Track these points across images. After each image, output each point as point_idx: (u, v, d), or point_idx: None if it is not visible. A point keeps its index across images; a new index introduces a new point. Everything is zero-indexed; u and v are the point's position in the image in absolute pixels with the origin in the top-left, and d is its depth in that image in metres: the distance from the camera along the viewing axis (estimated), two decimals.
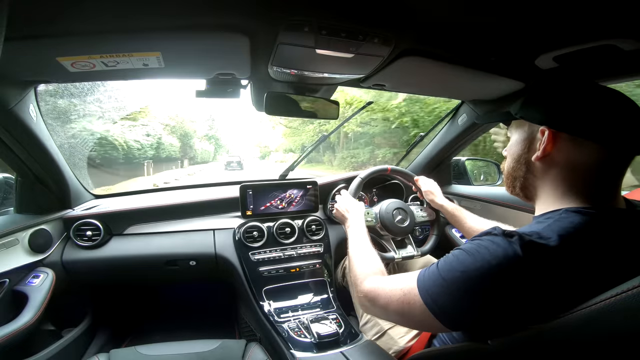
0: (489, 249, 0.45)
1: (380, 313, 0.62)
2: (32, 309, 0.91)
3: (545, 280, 0.42)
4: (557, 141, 0.49)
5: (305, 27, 0.62)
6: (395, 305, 0.55)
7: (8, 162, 1.01)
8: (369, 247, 0.80)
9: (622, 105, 0.47)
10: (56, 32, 0.60)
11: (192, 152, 20.28)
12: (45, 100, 0.94)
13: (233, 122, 42.93)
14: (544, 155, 0.51)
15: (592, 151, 0.47)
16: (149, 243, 1.21)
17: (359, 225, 0.89)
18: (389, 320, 0.59)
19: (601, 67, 0.82)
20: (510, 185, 0.60)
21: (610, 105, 0.47)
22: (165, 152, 14.10)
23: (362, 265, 0.73)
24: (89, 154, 5.28)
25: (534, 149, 0.53)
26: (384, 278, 0.65)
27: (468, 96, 1.23)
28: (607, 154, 0.47)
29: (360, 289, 0.67)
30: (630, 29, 0.62)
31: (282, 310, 1.11)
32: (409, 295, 0.52)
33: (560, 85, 0.52)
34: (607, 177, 0.49)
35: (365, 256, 0.76)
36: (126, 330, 1.53)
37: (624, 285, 0.36)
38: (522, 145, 0.56)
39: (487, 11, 0.61)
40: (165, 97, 25.10)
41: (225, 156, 22.04)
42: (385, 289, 0.59)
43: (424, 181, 1.14)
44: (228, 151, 28.30)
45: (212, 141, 26.72)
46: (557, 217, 0.48)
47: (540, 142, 0.51)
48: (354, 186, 1.09)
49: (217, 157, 26.48)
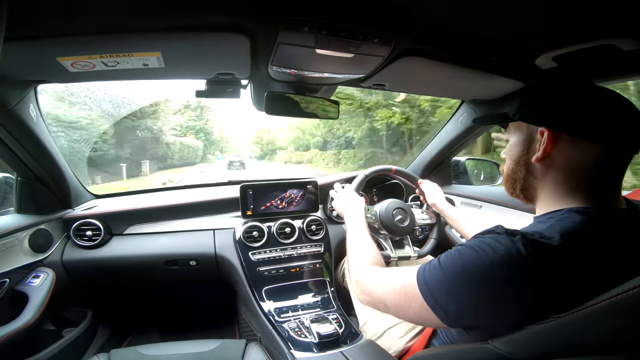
0: (492, 247, 0.45)
1: (377, 304, 0.61)
2: (32, 308, 0.91)
3: (547, 279, 0.42)
4: (557, 142, 0.49)
5: (305, 27, 0.62)
6: (392, 297, 0.55)
7: (8, 162, 1.01)
8: (367, 239, 0.79)
9: (618, 105, 0.48)
10: (56, 32, 0.60)
11: (162, 149, 14.27)
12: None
13: (228, 113, 36.58)
14: (544, 156, 0.51)
15: (591, 151, 0.48)
16: (149, 243, 1.21)
17: (359, 218, 0.89)
18: (386, 312, 0.59)
19: (601, 67, 0.82)
20: (510, 187, 0.60)
21: (608, 105, 0.48)
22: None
23: (360, 257, 0.72)
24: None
25: (534, 150, 0.53)
26: (382, 269, 0.64)
27: (468, 96, 1.23)
28: (606, 153, 0.47)
29: (358, 279, 0.66)
30: (629, 28, 0.62)
31: (282, 310, 1.11)
32: (408, 287, 0.52)
33: (558, 86, 0.52)
34: (607, 176, 0.49)
35: (364, 248, 0.76)
36: (126, 330, 1.53)
37: (624, 285, 0.36)
38: (521, 146, 0.56)
39: (487, 11, 0.61)
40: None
41: (229, 155, 20.64)
42: (384, 280, 0.59)
43: (428, 185, 1.14)
44: (222, 149, 25.31)
45: (201, 135, 20.87)
46: (560, 217, 0.48)
47: (540, 143, 0.51)
48: (357, 182, 1.09)
49: (209, 156, 21.57)
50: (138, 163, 11.80)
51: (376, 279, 0.61)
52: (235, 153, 24.02)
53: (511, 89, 1.02)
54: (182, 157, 16.31)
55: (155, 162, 13.35)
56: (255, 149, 30.38)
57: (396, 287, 0.55)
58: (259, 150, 29.76)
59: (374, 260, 0.71)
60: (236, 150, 27.64)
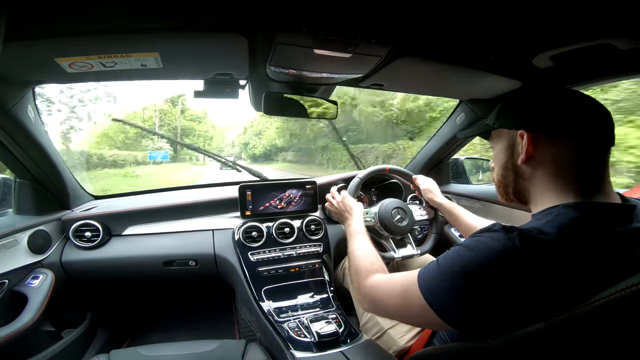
0: (489, 245, 0.46)
1: (381, 310, 0.62)
2: (31, 309, 0.91)
3: (545, 275, 0.43)
4: (537, 142, 0.52)
5: (303, 27, 0.62)
6: (395, 302, 0.56)
7: (6, 163, 1.01)
8: (368, 245, 0.80)
9: (587, 104, 0.51)
10: (54, 33, 0.60)
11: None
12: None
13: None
14: (528, 158, 0.53)
15: (570, 147, 0.50)
16: (148, 243, 1.21)
17: (359, 224, 0.89)
18: (390, 318, 0.60)
19: (598, 66, 0.82)
20: (503, 194, 0.61)
21: (577, 105, 0.51)
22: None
23: (362, 264, 0.73)
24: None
25: (517, 153, 0.55)
26: (384, 275, 0.65)
27: (466, 95, 1.23)
28: (583, 147, 0.50)
29: (360, 286, 0.67)
30: (625, 27, 0.62)
31: (281, 310, 1.11)
32: (409, 291, 0.53)
33: (532, 92, 0.56)
34: (590, 169, 0.51)
35: (365, 254, 0.76)
36: (126, 330, 1.53)
37: (623, 284, 0.37)
38: (505, 152, 0.58)
39: (484, 11, 0.61)
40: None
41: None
42: (385, 285, 0.60)
43: (422, 180, 1.15)
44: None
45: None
46: (557, 213, 0.48)
47: (522, 146, 0.54)
48: (352, 186, 1.09)
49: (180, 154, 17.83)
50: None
51: (378, 286, 0.62)
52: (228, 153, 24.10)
53: (509, 88, 1.02)
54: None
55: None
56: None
57: (397, 292, 0.56)
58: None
59: (375, 267, 0.71)
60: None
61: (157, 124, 18.44)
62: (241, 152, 27.21)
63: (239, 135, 29.37)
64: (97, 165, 11.05)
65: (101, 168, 11.19)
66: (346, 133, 9.61)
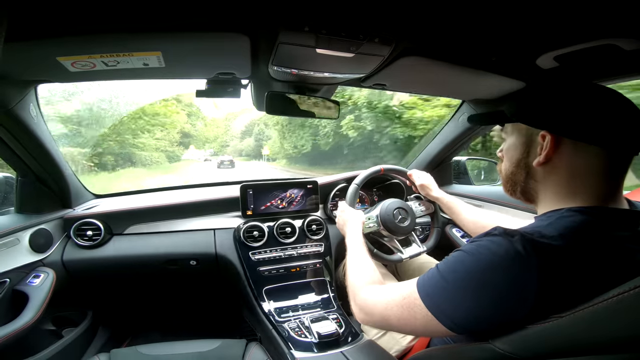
0: (490, 249, 0.45)
1: (379, 322, 0.60)
2: (32, 308, 0.91)
3: (547, 278, 0.42)
4: (559, 146, 0.48)
5: (305, 26, 0.62)
6: (394, 312, 0.54)
7: (8, 162, 1.01)
8: (365, 258, 0.78)
9: (620, 106, 0.47)
10: (56, 32, 0.60)
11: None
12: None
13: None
14: (546, 161, 0.50)
15: (593, 154, 0.47)
16: (149, 243, 1.21)
17: (356, 236, 0.88)
18: (389, 329, 0.58)
19: (602, 67, 0.82)
20: (510, 189, 0.59)
21: (609, 107, 0.47)
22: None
23: (357, 276, 0.72)
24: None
25: (534, 153, 0.52)
26: (380, 287, 0.63)
27: (469, 96, 1.23)
28: (608, 156, 0.47)
29: (356, 298, 0.66)
30: (630, 28, 0.62)
31: (282, 310, 1.11)
32: (409, 299, 0.51)
33: (558, 87, 0.51)
34: (608, 178, 0.48)
35: (361, 267, 0.75)
36: (126, 330, 1.53)
37: (625, 285, 0.36)
38: (520, 149, 0.55)
39: (488, 11, 0.61)
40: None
41: (220, 157, 20.94)
42: (383, 296, 0.58)
43: (418, 174, 1.12)
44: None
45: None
46: (559, 216, 0.48)
47: (542, 147, 0.50)
48: (349, 195, 1.08)
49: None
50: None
51: (375, 296, 0.60)
52: (225, 153, 24.51)
53: (512, 88, 1.02)
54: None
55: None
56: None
57: (398, 301, 0.54)
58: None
59: (372, 279, 0.70)
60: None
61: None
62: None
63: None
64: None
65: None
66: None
